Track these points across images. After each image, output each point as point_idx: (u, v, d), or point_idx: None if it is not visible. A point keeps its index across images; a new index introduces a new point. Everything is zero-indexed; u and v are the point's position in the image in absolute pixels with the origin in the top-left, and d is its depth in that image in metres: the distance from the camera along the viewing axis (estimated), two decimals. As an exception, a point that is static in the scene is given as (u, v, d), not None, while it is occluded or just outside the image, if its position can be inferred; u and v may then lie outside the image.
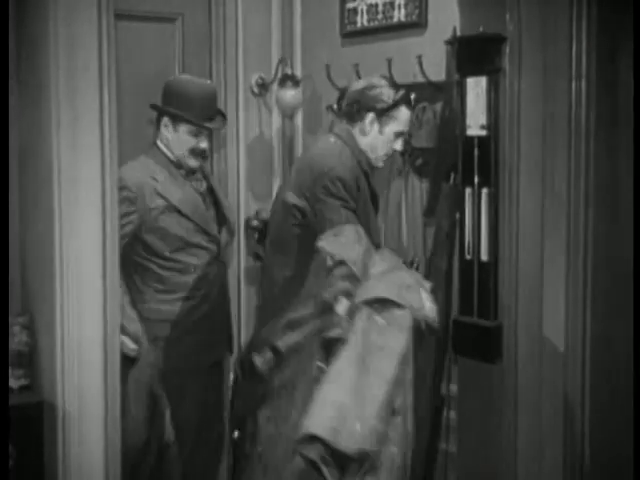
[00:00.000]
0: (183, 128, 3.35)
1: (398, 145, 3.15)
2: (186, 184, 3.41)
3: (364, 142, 3.11)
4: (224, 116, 3.49)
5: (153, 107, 3.41)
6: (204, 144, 3.37)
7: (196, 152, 3.37)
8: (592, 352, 2.83)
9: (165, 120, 3.37)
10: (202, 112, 3.33)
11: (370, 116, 3.07)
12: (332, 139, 3.13)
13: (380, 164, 3.18)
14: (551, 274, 2.85)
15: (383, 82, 3.11)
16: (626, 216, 2.74)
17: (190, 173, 3.42)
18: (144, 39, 3.85)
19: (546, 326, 2.87)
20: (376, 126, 3.09)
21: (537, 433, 2.92)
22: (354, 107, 3.09)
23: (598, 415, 2.85)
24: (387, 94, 3.07)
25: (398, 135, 3.13)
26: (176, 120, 3.34)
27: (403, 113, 3.10)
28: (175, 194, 3.37)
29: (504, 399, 3.01)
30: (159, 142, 3.42)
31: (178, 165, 3.41)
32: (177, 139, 3.37)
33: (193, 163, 3.39)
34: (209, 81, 3.46)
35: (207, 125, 3.34)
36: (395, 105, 3.06)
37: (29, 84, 3.22)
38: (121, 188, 3.10)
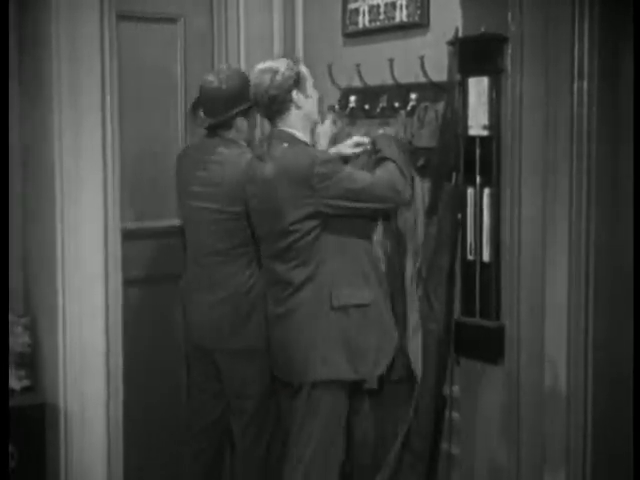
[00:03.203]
0: (252, 114, 3.49)
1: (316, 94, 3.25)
2: None
3: (303, 114, 3.17)
4: None
5: (236, 114, 3.45)
6: None
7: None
8: (594, 352, 2.82)
9: (240, 119, 3.46)
10: None
11: (294, 92, 3.12)
12: (284, 145, 3.13)
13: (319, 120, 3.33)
14: (553, 274, 2.85)
15: (275, 64, 3.17)
16: (628, 216, 2.74)
17: None
18: (146, 40, 3.85)
19: (548, 326, 2.87)
20: (301, 96, 3.14)
21: (540, 434, 2.91)
22: (277, 101, 3.12)
23: (601, 415, 2.85)
24: (288, 68, 3.13)
25: (314, 86, 3.24)
26: (249, 110, 3.46)
27: (304, 71, 3.19)
28: None
29: (506, 400, 3.00)
30: (239, 140, 3.50)
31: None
32: (250, 127, 3.52)
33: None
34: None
35: None
36: (297, 72, 3.14)
37: (31, 85, 3.23)
38: None
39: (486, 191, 3.04)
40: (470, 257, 3.10)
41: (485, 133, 3.02)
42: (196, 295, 3.49)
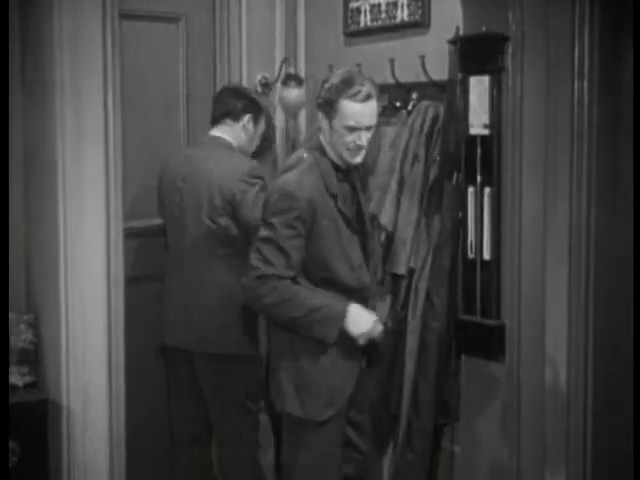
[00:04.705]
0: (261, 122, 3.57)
1: (362, 140, 2.84)
2: None
3: (326, 139, 2.93)
4: None
5: (245, 107, 3.47)
6: None
7: None
8: (595, 350, 2.83)
9: (248, 117, 3.49)
10: None
11: (321, 113, 2.91)
12: (304, 154, 2.97)
13: (355, 160, 2.89)
14: (553, 273, 2.85)
15: (335, 75, 2.88)
16: (628, 215, 2.75)
17: None
18: (148, 39, 3.86)
19: (549, 325, 2.88)
20: (326, 122, 2.88)
21: (540, 432, 2.92)
22: (318, 106, 2.94)
23: (601, 413, 2.85)
24: (331, 88, 2.84)
25: (350, 129, 2.83)
26: (259, 115, 3.54)
27: (346, 107, 2.81)
28: None
29: (507, 398, 3.01)
30: (237, 146, 3.50)
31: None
32: (256, 135, 3.57)
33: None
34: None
35: None
36: (334, 99, 2.82)
37: (34, 84, 3.24)
38: None
39: (487, 190, 3.04)
40: (471, 255, 3.11)
41: (486, 132, 3.03)
42: (182, 298, 3.42)
